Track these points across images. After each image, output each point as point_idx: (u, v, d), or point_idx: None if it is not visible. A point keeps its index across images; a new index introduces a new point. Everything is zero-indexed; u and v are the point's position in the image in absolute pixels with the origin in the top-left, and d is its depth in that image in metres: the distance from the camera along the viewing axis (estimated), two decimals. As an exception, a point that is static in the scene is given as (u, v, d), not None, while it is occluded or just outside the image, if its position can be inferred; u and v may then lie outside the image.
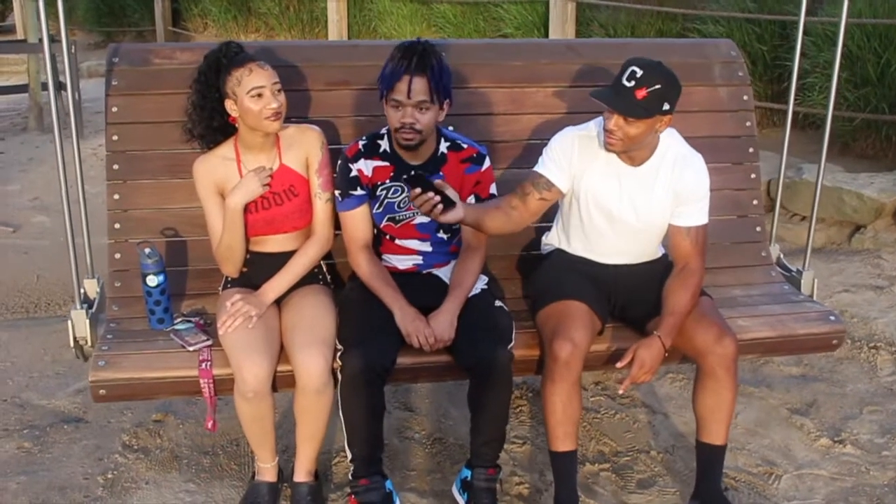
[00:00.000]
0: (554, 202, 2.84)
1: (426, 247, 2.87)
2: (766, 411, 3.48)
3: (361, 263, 2.82)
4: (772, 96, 6.74)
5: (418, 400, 3.54)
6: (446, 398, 3.54)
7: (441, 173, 2.80)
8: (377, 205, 2.82)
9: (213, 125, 2.73)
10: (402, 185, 2.79)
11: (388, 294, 2.73)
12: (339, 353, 2.61)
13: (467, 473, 2.76)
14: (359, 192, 2.81)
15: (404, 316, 2.68)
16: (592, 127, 2.78)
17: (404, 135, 2.68)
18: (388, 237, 2.86)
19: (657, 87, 2.53)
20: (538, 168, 2.81)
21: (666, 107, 2.57)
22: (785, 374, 3.78)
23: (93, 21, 14.41)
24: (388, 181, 2.81)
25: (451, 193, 2.53)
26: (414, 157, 2.79)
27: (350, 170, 2.81)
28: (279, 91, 2.66)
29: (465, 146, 2.85)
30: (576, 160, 2.75)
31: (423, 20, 9.70)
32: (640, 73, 2.53)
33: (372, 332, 2.62)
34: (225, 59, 2.67)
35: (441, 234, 2.87)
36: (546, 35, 8.09)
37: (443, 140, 2.83)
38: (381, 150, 2.81)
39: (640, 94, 2.53)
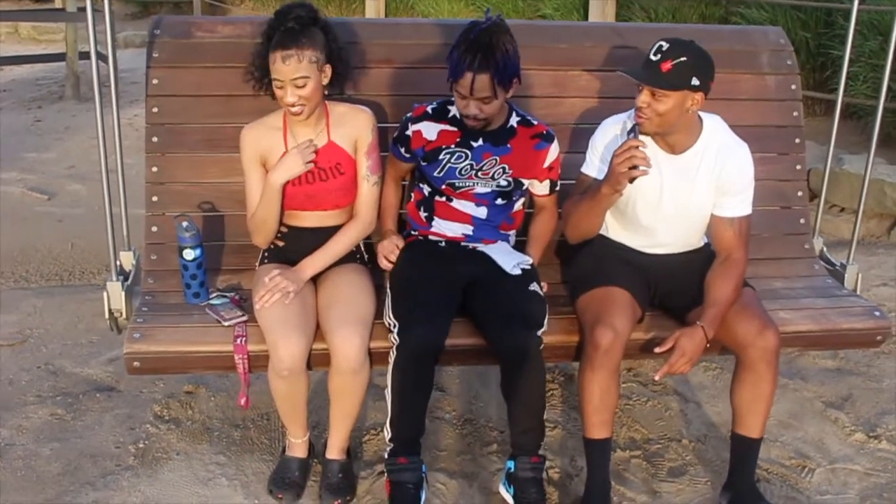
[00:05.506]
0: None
1: (481, 212, 2.86)
2: (800, 403, 3.44)
3: (386, 190, 2.95)
4: (814, 85, 6.62)
5: (449, 380, 3.53)
6: (477, 379, 3.52)
7: (509, 146, 2.81)
8: (438, 168, 2.81)
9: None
10: (466, 151, 2.79)
11: (383, 219, 2.92)
12: (395, 330, 2.58)
13: (511, 465, 2.73)
14: (403, 151, 2.87)
15: (383, 245, 2.86)
16: (627, 117, 2.75)
17: (469, 121, 2.71)
18: (444, 199, 2.86)
19: (682, 59, 2.51)
20: (586, 170, 2.80)
21: (695, 82, 2.53)
22: (820, 366, 3.72)
23: (130, -9, 14.40)
24: (453, 146, 2.81)
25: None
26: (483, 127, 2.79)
27: (407, 128, 2.84)
28: (301, 86, 2.59)
29: (535, 123, 2.86)
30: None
31: (462, 0, 9.63)
32: (666, 46, 2.53)
33: (430, 311, 2.61)
34: (271, 31, 2.62)
35: (500, 201, 2.85)
36: (585, 17, 8.00)
37: (514, 114, 2.84)
38: (451, 115, 2.81)
39: (666, 66, 2.51)
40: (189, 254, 2.75)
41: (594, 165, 2.78)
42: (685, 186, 2.71)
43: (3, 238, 5.03)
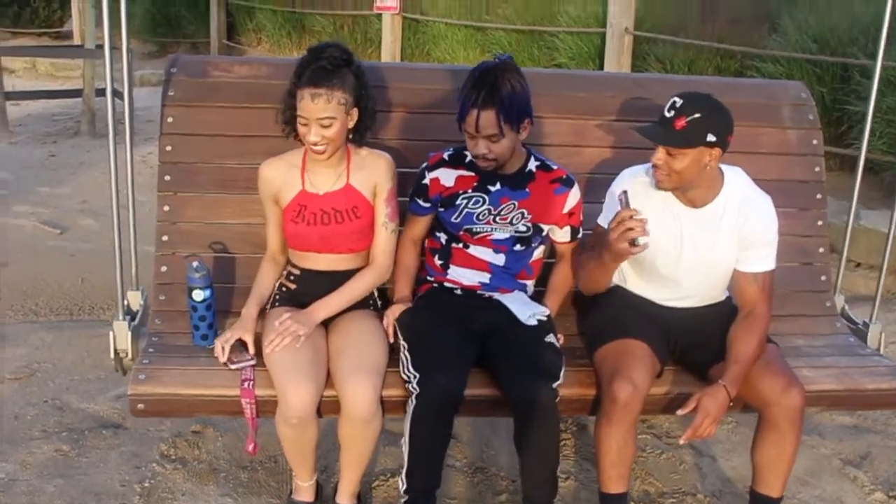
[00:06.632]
0: None
1: (500, 259, 2.81)
2: (817, 461, 3.37)
3: (405, 252, 2.88)
4: (830, 139, 6.58)
5: (460, 428, 3.46)
6: (488, 427, 3.46)
7: (528, 190, 2.78)
8: (455, 214, 2.78)
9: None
10: (484, 196, 2.76)
11: (399, 284, 2.85)
12: (414, 380, 2.52)
13: None
14: (422, 203, 2.83)
15: (392, 308, 2.78)
16: (645, 170, 2.72)
17: (479, 162, 2.69)
18: (461, 245, 2.82)
19: (696, 115, 2.47)
20: (603, 222, 2.75)
21: (710, 138, 2.49)
22: (837, 423, 3.66)
23: (148, 30, 14.55)
24: (470, 191, 2.77)
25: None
26: (501, 171, 2.76)
27: (424, 177, 2.82)
28: (327, 126, 2.57)
29: (554, 167, 2.83)
30: (638, 205, 2.67)
31: (478, 45, 9.67)
32: (679, 102, 2.49)
33: (450, 361, 2.57)
34: (300, 68, 2.60)
35: (518, 247, 2.81)
36: (601, 67, 8.02)
37: (532, 158, 2.81)
38: (468, 160, 2.78)
39: (679, 123, 2.47)
40: (198, 295, 2.70)
41: (611, 217, 2.73)
42: (707, 240, 2.66)
43: (14, 271, 5.04)
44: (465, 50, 9.76)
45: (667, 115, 2.51)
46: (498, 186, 2.76)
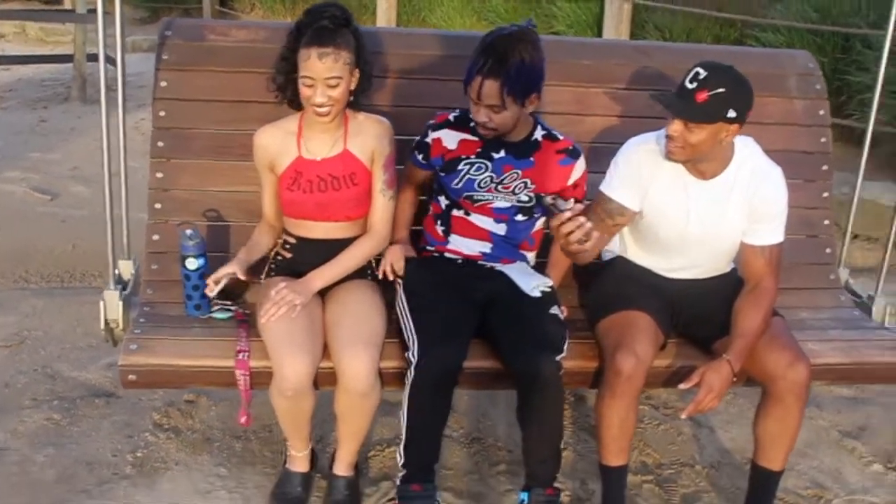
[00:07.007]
0: (630, 222, 2.71)
1: (500, 229, 2.75)
2: (815, 432, 3.37)
3: (401, 196, 2.85)
4: (830, 111, 6.54)
5: (457, 398, 3.36)
6: (486, 397, 3.44)
7: (532, 159, 2.71)
8: (457, 179, 2.72)
9: (293, 84, 2.60)
10: (486, 162, 2.70)
11: (396, 225, 2.81)
12: (414, 350, 2.47)
13: (524, 497, 2.62)
14: (421, 159, 2.80)
15: (392, 249, 2.77)
16: (656, 138, 2.64)
17: (480, 129, 2.63)
18: (462, 212, 2.76)
19: (720, 90, 2.37)
20: (606, 189, 2.68)
21: (731, 114, 2.40)
22: (835, 394, 3.65)
23: (140, -6, 14.39)
24: (472, 156, 2.71)
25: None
26: (506, 138, 2.69)
27: (427, 135, 2.78)
28: (334, 86, 2.50)
29: (561, 137, 2.76)
30: (643, 174, 2.62)
31: (474, 13, 9.58)
32: (703, 74, 2.39)
33: (449, 332, 2.52)
34: (303, 27, 2.52)
35: (520, 217, 2.75)
36: (599, 35, 7.94)
37: (539, 128, 2.75)
38: (473, 124, 2.70)
39: (701, 96, 2.38)
40: (192, 263, 2.65)
41: (614, 186, 2.67)
42: (715, 212, 2.60)
43: (4, 237, 4.99)
44: (462, 17, 9.66)
45: (688, 85, 2.41)
46: (502, 154, 2.70)
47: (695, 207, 2.61)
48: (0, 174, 6.10)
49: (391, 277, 2.74)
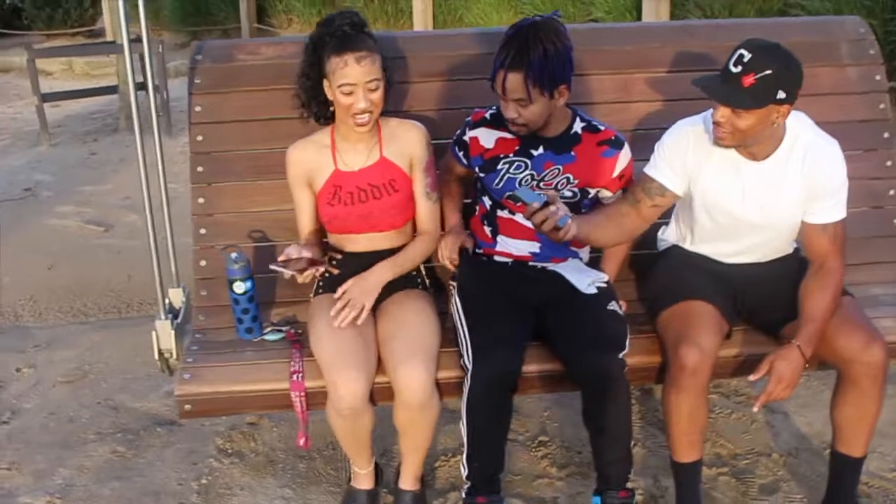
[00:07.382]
0: (669, 207, 2.61)
1: None
2: (898, 411, 3.24)
3: (447, 184, 2.83)
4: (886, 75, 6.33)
5: (520, 399, 3.35)
6: (551, 399, 3.37)
7: (573, 154, 2.61)
8: (497, 179, 2.64)
9: (319, 98, 2.58)
10: (526, 160, 2.62)
11: (446, 211, 2.79)
12: (469, 357, 2.42)
13: (597, 501, 2.55)
14: (462, 156, 2.75)
15: (449, 232, 2.73)
16: (703, 121, 2.54)
17: (511, 126, 2.55)
18: (507, 213, 2.68)
19: (768, 72, 2.24)
20: (649, 170, 2.58)
21: (781, 95, 2.27)
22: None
23: (179, 21, 14.55)
24: (511, 155, 2.63)
25: (562, 208, 2.33)
26: (543, 133, 2.60)
27: (465, 133, 2.72)
28: (374, 89, 2.46)
29: (602, 128, 2.65)
30: (690, 159, 2.52)
31: (511, 8, 9.50)
32: (748, 56, 2.25)
33: (505, 336, 2.46)
34: (328, 38, 2.48)
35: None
36: (639, 19, 7.79)
37: (578, 119, 2.65)
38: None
39: (748, 80, 2.25)
40: (239, 287, 2.62)
41: (659, 168, 2.57)
42: (770, 193, 2.49)
43: (61, 272, 5.03)
44: (498, 13, 9.58)
45: (732, 69, 2.28)
46: (541, 150, 2.61)
47: (750, 190, 2.50)
48: (54, 209, 6.17)
49: (449, 266, 2.69)
